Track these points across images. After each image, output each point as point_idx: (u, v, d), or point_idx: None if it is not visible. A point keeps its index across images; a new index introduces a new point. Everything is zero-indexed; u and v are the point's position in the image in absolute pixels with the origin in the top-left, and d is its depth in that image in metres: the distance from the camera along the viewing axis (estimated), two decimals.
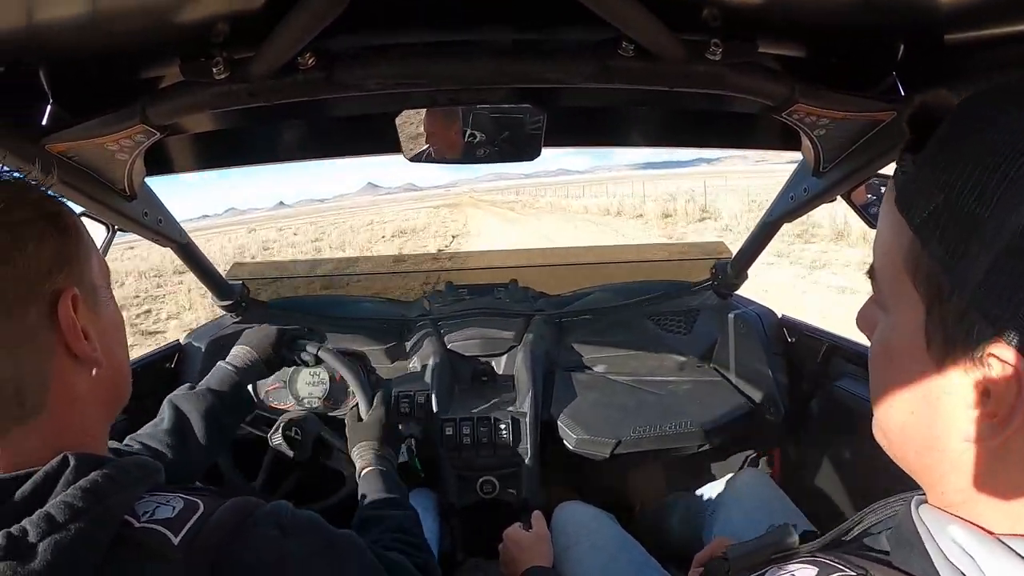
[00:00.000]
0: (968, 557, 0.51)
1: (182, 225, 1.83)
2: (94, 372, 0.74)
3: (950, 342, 0.50)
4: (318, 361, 1.69)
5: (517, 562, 1.54)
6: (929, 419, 0.54)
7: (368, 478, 1.41)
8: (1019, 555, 0.49)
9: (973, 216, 0.47)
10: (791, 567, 0.62)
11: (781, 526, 0.87)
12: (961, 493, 0.53)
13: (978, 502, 0.52)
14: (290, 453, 1.77)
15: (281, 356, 1.66)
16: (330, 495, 1.83)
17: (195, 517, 0.69)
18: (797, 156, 1.52)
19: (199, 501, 0.72)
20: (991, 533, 0.51)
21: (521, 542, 1.58)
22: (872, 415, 0.62)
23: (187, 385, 1.45)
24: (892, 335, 0.58)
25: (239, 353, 1.60)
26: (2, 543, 0.56)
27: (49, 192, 0.74)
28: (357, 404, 1.64)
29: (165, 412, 1.34)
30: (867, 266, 0.63)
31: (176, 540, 0.65)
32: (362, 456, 1.50)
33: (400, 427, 2.00)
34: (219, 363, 1.57)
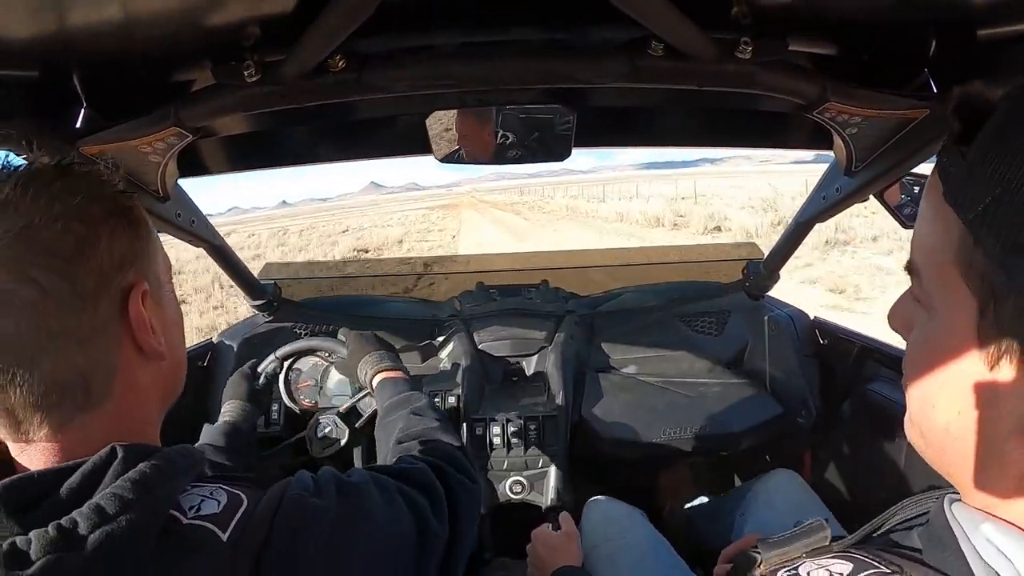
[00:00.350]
0: (1004, 558, 0.51)
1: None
2: (158, 365, 0.76)
3: (1005, 340, 0.49)
4: (283, 363, 1.86)
5: (546, 563, 1.54)
6: (979, 418, 0.53)
7: (378, 389, 1.47)
8: None
9: None
10: (824, 561, 0.62)
11: (814, 521, 0.86)
12: (1003, 492, 0.53)
13: (1017, 503, 0.52)
14: (336, 446, 1.80)
15: (256, 387, 1.72)
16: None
17: (240, 512, 0.70)
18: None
19: (242, 495, 0.73)
20: None
21: (550, 542, 1.58)
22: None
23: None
24: (940, 334, 0.56)
25: (228, 409, 1.65)
26: (53, 535, 0.56)
27: (120, 187, 0.76)
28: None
29: None
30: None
31: (225, 536, 0.67)
32: (365, 373, 1.55)
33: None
34: (206, 425, 1.61)
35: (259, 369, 1.81)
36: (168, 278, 0.83)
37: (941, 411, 0.56)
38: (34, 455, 0.67)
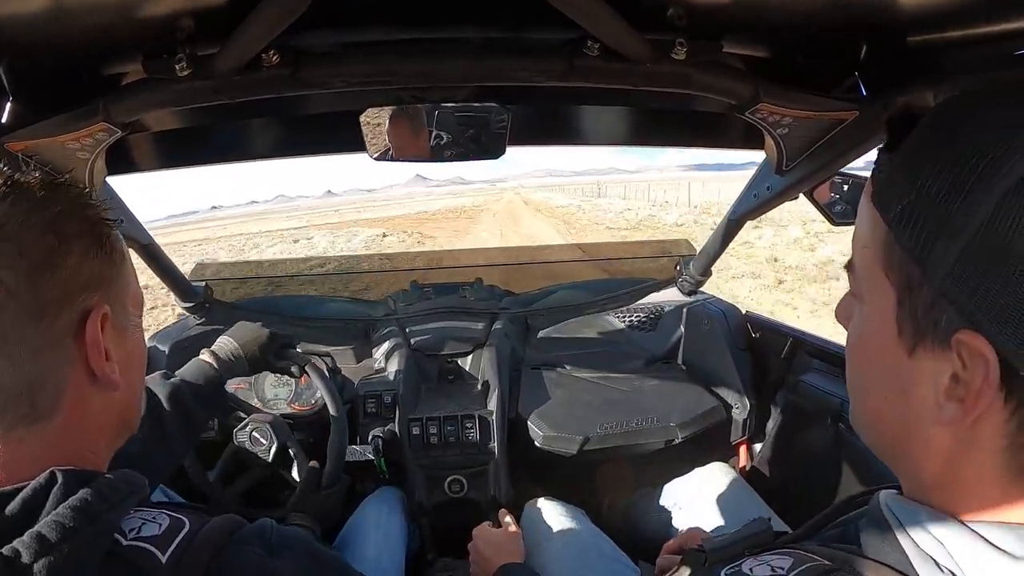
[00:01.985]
0: (938, 544, 0.53)
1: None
2: (110, 395, 0.74)
3: (920, 330, 0.53)
4: (302, 375, 1.73)
5: (488, 560, 1.54)
6: (903, 405, 0.57)
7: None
8: (986, 540, 0.51)
9: (942, 210, 0.50)
10: (766, 557, 0.63)
11: (758, 519, 0.89)
12: (934, 478, 0.56)
13: (950, 487, 0.55)
14: (253, 452, 1.75)
15: (267, 361, 1.66)
16: (278, 504, 1.80)
17: (181, 535, 0.68)
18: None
19: (184, 519, 0.71)
20: (962, 520, 0.53)
21: (492, 540, 1.58)
22: (836, 409, 0.65)
23: (161, 372, 1.44)
24: (867, 325, 0.61)
25: (224, 345, 1.60)
26: None
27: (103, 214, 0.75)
28: (322, 470, 1.65)
29: None
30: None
31: (164, 558, 0.65)
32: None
33: (368, 429, 2.01)
34: (200, 354, 1.57)
35: (290, 353, 1.75)
36: (137, 312, 0.81)
37: (872, 396, 0.61)
38: None
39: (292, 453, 1.74)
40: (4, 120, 1.10)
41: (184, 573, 0.65)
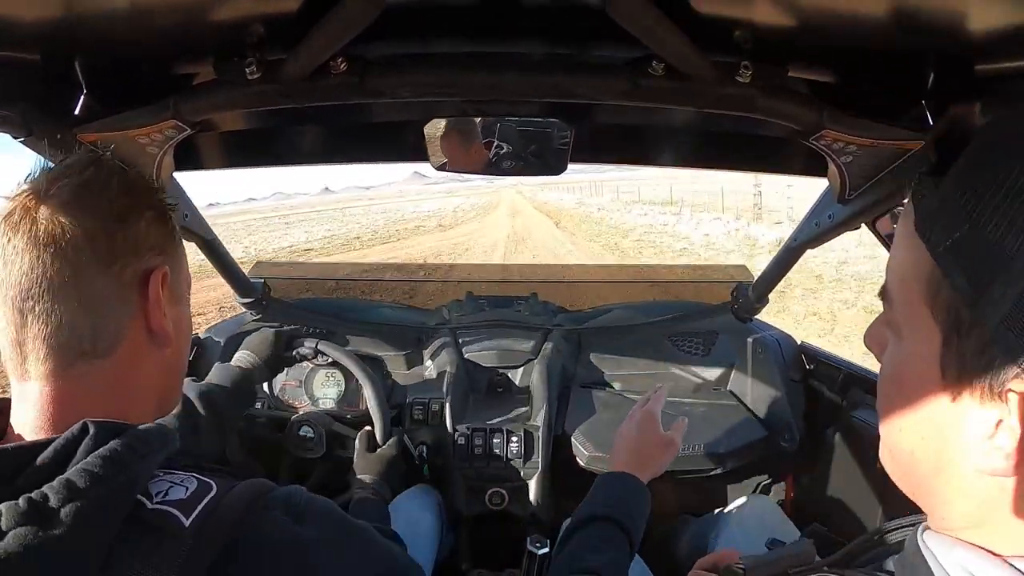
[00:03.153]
0: None
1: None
2: (162, 353, 0.81)
3: (967, 374, 0.50)
4: (317, 355, 1.82)
5: (637, 453, 1.45)
6: (940, 446, 0.54)
7: (360, 505, 1.46)
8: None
9: (1000, 250, 0.46)
10: None
11: (800, 541, 0.87)
12: (965, 518, 0.54)
13: (982, 528, 0.53)
14: (306, 452, 1.79)
15: (280, 356, 1.71)
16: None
17: (207, 499, 0.70)
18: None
19: (212, 483, 0.73)
20: (997, 555, 0.51)
21: (652, 440, 1.47)
22: None
23: (190, 378, 1.49)
24: (905, 360, 0.57)
25: (241, 357, 1.68)
26: (24, 508, 0.57)
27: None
28: (372, 428, 1.67)
29: None
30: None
31: (187, 522, 0.66)
32: (362, 485, 1.56)
33: (415, 434, 2.02)
34: (221, 363, 1.65)
35: (299, 341, 1.81)
36: (187, 290, 0.90)
37: (907, 435, 0.58)
38: (29, 404, 0.71)
39: (341, 432, 1.78)
40: (78, 112, 1.15)
41: (207, 537, 0.67)
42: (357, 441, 1.68)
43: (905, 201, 0.58)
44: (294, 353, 1.78)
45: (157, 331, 0.79)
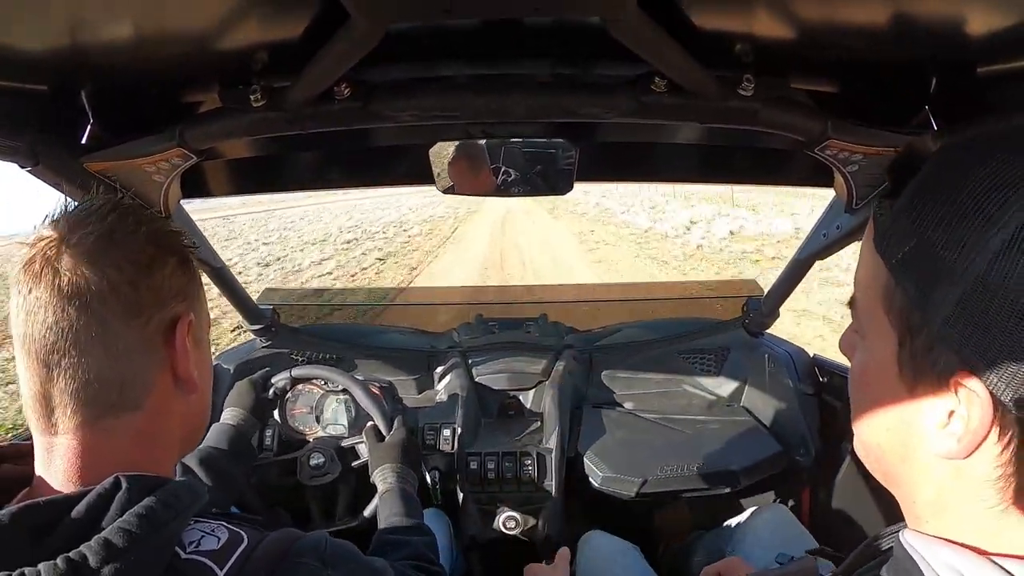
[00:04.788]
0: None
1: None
2: (188, 400, 0.81)
3: (920, 370, 0.57)
4: (294, 384, 1.84)
5: None
6: (903, 436, 0.61)
7: (388, 500, 1.43)
8: (1010, 573, 0.53)
9: (942, 260, 0.54)
10: None
11: (804, 556, 0.90)
12: (930, 506, 0.60)
13: (945, 514, 0.59)
14: (324, 478, 1.78)
15: (263, 401, 1.71)
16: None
17: (240, 549, 0.71)
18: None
19: (243, 533, 0.74)
20: (984, 553, 0.55)
21: None
22: None
23: None
24: (869, 362, 0.65)
25: (229, 415, 1.67)
26: (62, 568, 0.57)
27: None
28: (375, 424, 1.66)
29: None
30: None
31: (221, 574, 0.67)
32: (384, 479, 1.52)
33: (426, 460, 2.01)
34: (215, 424, 1.64)
35: (272, 381, 1.80)
36: (207, 334, 0.90)
37: (874, 429, 0.65)
38: (57, 456, 0.70)
39: (349, 444, 1.79)
40: (85, 141, 1.16)
41: None
42: (365, 439, 1.68)
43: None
44: (271, 393, 1.79)
45: (184, 379, 0.79)
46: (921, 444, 0.58)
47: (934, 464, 0.58)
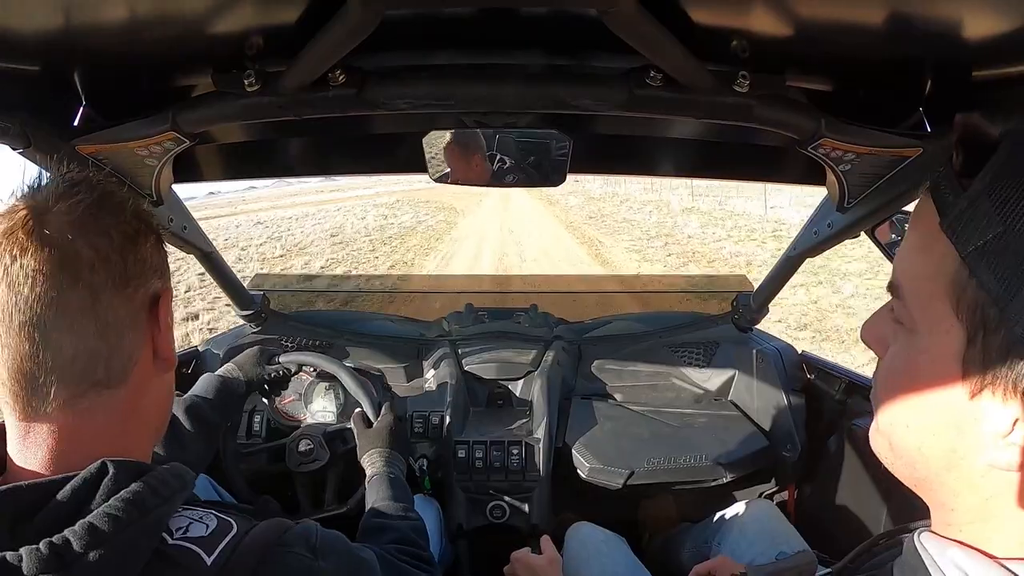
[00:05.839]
0: None
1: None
2: (163, 378, 0.80)
3: (990, 372, 0.51)
4: (299, 370, 1.79)
5: None
6: (953, 441, 0.55)
7: (376, 485, 1.43)
8: None
9: None
10: None
11: (802, 552, 0.87)
12: (971, 513, 0.55)
13: (986, 523, 0.54)
14: (313, 464, 1.78)
15: (257, 372, 1.70)
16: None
17: (228, 538, 0.71)
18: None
19: (232, 521, 0.73)
20: (992, 556, 0.53)
21: (531, 565, 1.56)
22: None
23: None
24: (921, 356, 0.57)
25: (226, 368, 1.67)
26: (44, 553, 0.56)
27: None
28: (363, 410, 1.66)
29: None
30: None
31: (209, 561, 0.67)
32: (372, 463, 1.52)
33: (415, 448, 2.01)
34: (206, 374, 1.63)
35: (280, 359, 1.79)
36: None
37: (915, 431, 0.58)
38: (36, 439, 0.67)
39: (337, 430, 1.79)
40: (76, 123, 1.15)
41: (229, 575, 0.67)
42: (353, 425, 1.68)
43: (905, 209, 0.59)
44: (276, 372, 1.77)
45: (164, 356, 0.77)
46: (975, 452, 0.53)
47: (985, 473, 0.53)
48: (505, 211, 27.24)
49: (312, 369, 1.89)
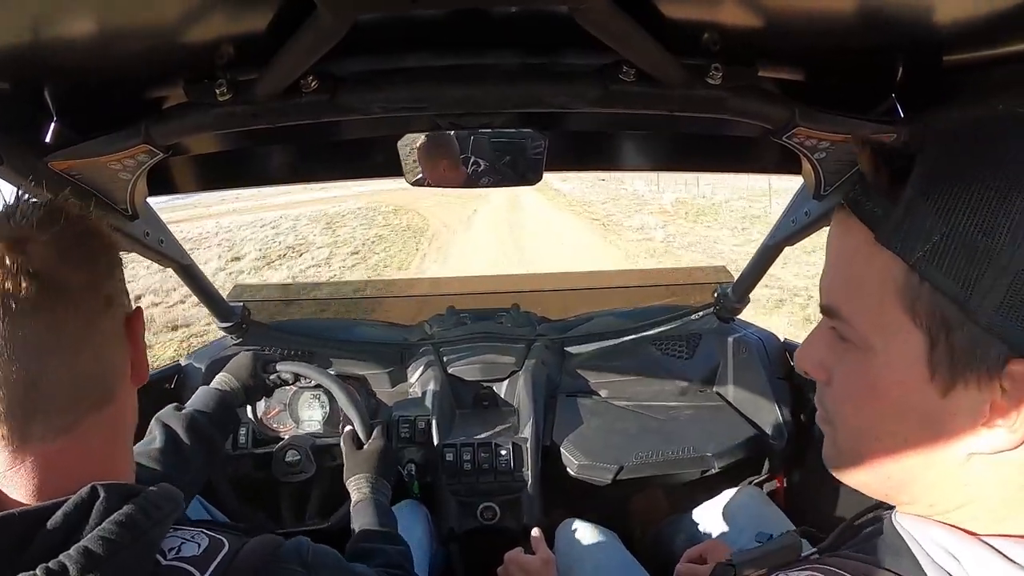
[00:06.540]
0: (952, 559, 0.54)
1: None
2: (133, 391, 0.80)
3: (961, 367, 0.52)
4: (297, 379, 1.73)
5: None
6: (928, 440, 0.55)
7: (361, 510, 1.42)
8: (1001, 553, 0.52)
9: (983, 247, 0.49)
10: (794, 573, 0.63)
11: (787, 534, 0.88)
12: (952, 502, 0.56)
13: (970, 506, 0.56)
14: (298, 476, 1.77)
15: (254, 380, 1.68)
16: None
17: (220, 556, 0.70)
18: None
19: (224, 539, 0.73)
20: (973, 533, 0.54)
21: (524, 565, 1.55)
22: None
23: (173, 405, 1.47)
24: (883, 374, 0.57)
25: (221, 379, 1.63)
26: None
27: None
28: (354, 428, 1.64)
29: (155, 432, 1.36)
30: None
31: None
32: (358, 488, 1.51)
33: (402, 453, 2.00)
34: (203, 387, 1.60)
35: (277, 367, 1.76)
36: None
37: (887, 442, 0.58)
38: (25, 468, 0.66)
39: (326, 444, 1.77)
40: (48, 140, 1.13)
41: None
42: (343, 444, 1.66)
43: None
44: (274, 379, 1.75)
45: (140, 370, 0.78)
46: (955, 445, 0.54)
47: (964, 462, 0.54)
48: (511, 232, 18.70)
49: (295, 379, 1.88)
